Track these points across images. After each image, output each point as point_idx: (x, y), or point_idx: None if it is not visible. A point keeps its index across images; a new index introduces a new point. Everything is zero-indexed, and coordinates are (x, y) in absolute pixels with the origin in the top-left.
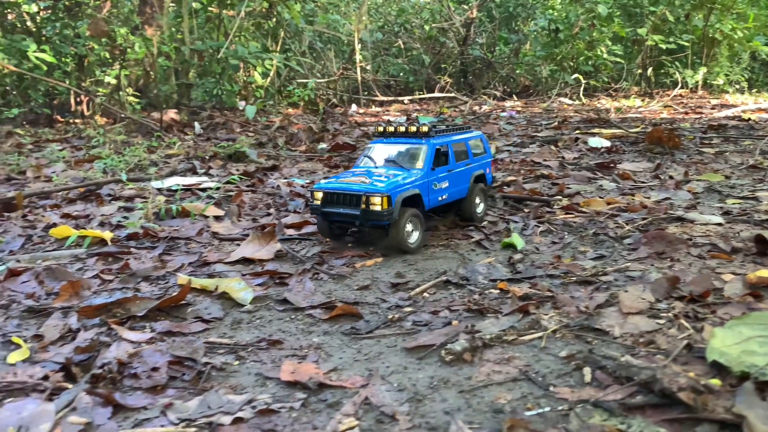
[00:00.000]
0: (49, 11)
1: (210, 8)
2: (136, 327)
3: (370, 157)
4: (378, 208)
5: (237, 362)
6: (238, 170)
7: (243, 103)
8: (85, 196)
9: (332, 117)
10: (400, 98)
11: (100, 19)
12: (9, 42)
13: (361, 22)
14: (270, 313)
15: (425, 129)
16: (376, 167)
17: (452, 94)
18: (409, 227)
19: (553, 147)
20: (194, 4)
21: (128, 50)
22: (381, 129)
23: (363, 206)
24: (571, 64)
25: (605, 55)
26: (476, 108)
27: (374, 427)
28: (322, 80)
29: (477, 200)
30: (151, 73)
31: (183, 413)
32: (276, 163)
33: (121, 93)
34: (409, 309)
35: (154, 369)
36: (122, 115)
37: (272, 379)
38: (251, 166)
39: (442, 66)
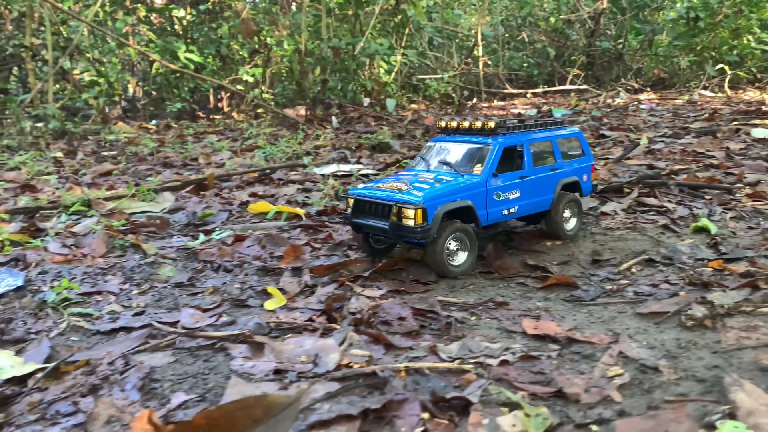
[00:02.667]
0: (194, 15)
1: (346, 8)
2: (365, 285)
3: (424, 159)
4: (411, 222)
5: (474, 318)
6: (384, 160)
7: (367, 99)
8: (259, 180)
9: (467, 110)
10: (525, 91)
11: (250, 19)
12: (163, 43)
13: (483, 17)
14: (479, 280)
15: (492, 124)
16: (428, 171)
17: (582, 87)
18: (452, 246)
19: (712, 138)
20: (331, 4)
21: (273, 48)
22: (443, 124)
23: (394, 218)
24: (713, 54)
25: (753, 44)
26: (609, 101)
27: (640, 376)
28: (441, 76)
29: (566, 214)
30: (296, 69)
31: (448, 354)
32: (417, 153)
33: (261, 89)
34: (624, 282)
35: (401, 318)
36: (264, 110)
37: (516, 333)
38: (394, 156)
39: (571, 59)
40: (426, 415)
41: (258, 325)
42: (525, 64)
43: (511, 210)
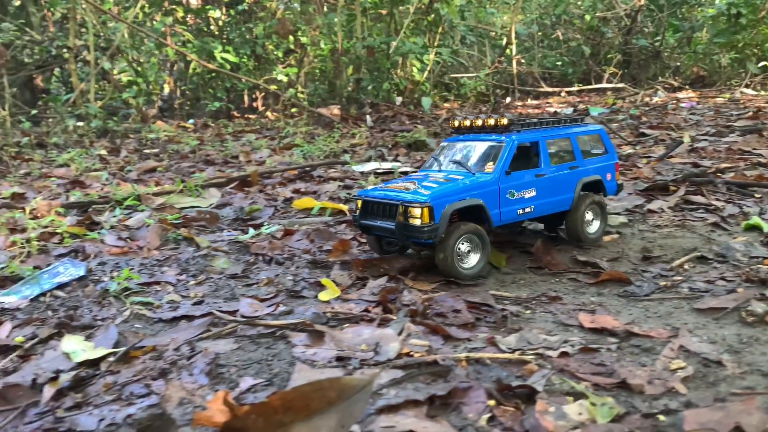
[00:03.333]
0: (230, 16)
1: (380, 7)
2: (416, 279)
3: (437, 159)
4: (417, 221)
5: (528, 311)
6: (421, 158)
7: (399, 98)
8: (300, 177)
9: (501, 108)
10: (560, 90)
11: (286, 19)
12: (200, 44)
13: (517, 15)
14: (528, 275)
15: (505, 121)
16: (439, 171)
17: (619, 85)
18: (462, 247)
19: (758, 136)
20: (366, 3)
21: (308, 48)
22: (456, 123)
23: (400, 218)
24: (755, 51)
25: None
26: (647, 99)
27: (703, 370)
28: (477, 74)
29: (588, 216)
30: (331, 69)
31: (507, 345)
32: None
33: (296, 89)
34: (678, 278)
35: (456, 311)
36: (299, 109)
37: (572, 326)
38: (431, 154)
39: (607, 57)
40: (492, 402)
41: (316, 315)
42: (558, 63)
43: (527, 209)
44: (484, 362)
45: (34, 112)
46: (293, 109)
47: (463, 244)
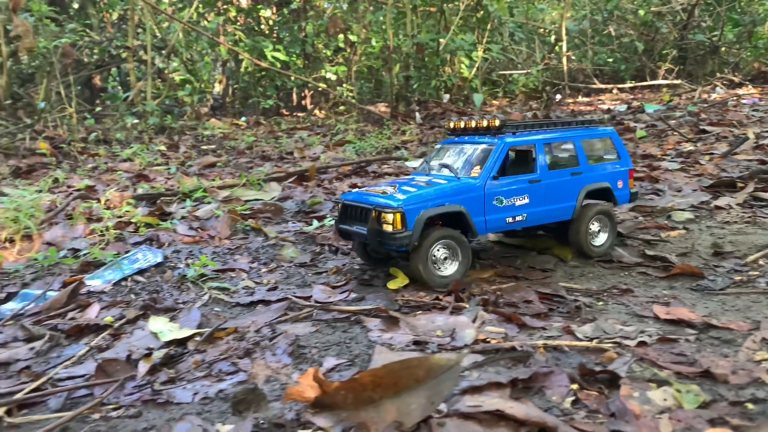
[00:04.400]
0: (280, 15)
1: (429, 5)
2: (483, 270)
3: (428, 162)
4: (390, 227)
5: (600, 303)
6: None
7: (447, 96)
8: (355, 172)
9: (553, 105)
10: (611, 86)
11: (338, 17)
12: (252, 43)
13: (567, 11)
14: (596, 269)
15: (497, 123)
16: (427, 174)
17: (675, 82)
18: (439, 254)
19: None
20: (416, 1)
21: (359, 46)
22: (451, 125)
23: (373, 224)
24: None
25: None
26: (705, 96)
27: None
28: (530, 71)
29: (594, 227)
30: (380, 66)
31: (582, 335)
32: None
33: (345, 86)
34: (754, 273)
35: (527, 301)
36: (348, 107)
37: (647, 317)
38: None
39: (663, 53)
40: (575, 386)
41: (389, 302)
42: (609, 59)
43: (518, 218)
44: (561, 349)
45: (98, 109)
46: (341, 107)
47: (439, 250)
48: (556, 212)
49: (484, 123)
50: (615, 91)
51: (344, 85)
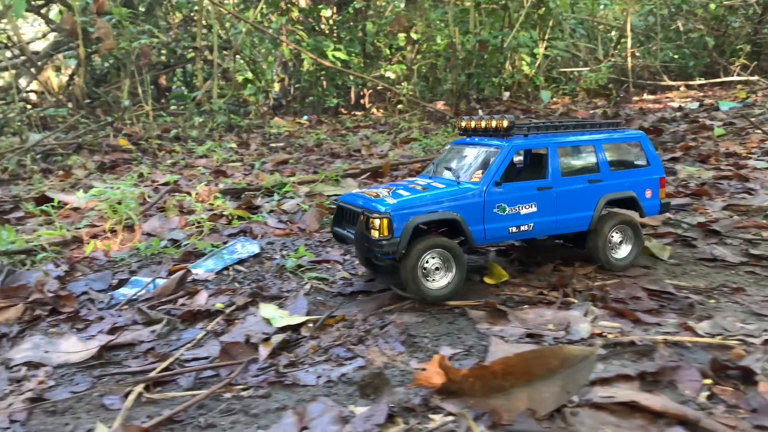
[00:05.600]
0: (341, 15)
1: (492, 1)
2: (583, 266)
3: (436, 163)
4: (376, 234)
5: (713, 301)
6: None
7: (507, 93)
8: (424, 168)
9: (624, 102)
10: (679, 83)
11: (402, 15)
12: (314, 42)
13: (632, 7)
14: (699, 267)
15: (505, 124)
16: (430, 177)
17: (753, 78)
18: (430, 264)
19: None
20: None
21: (422, 44)
22: (463, 124)
23: (361, 228)
24: None
25: None
26: None
27: None
28: (599, 67)
29: (615, 238)
30: (442, 64)
31: (702, 331)
32: None
33: (409, 84)
34: None
35: (635, 297)
36: (409, 105)
37: (766, 316)
38: None
39: (736, 48)
40: (708, 381)
41: (489, 296)
42: (675, 56)
43: (523, 227)
44: (683, 345)
45: (172, 107)
46: (399, 106)
47: (430, 260)
48: (569, 222)
49: (493, 123)
50: (682, 88)
51: (404, 83)
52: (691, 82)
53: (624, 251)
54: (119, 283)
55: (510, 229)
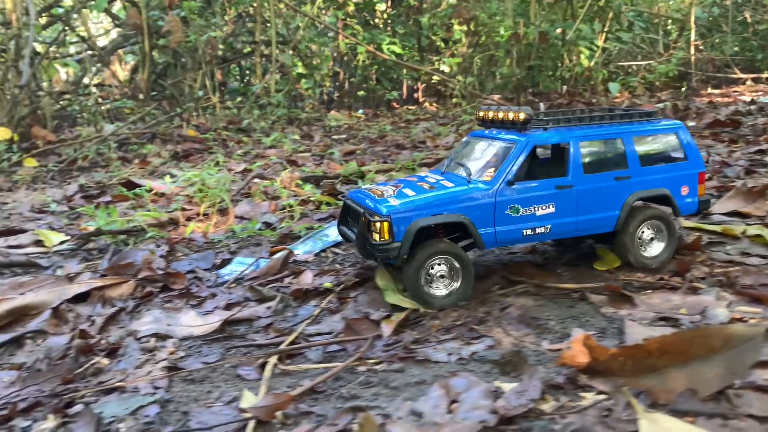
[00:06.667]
0: (395, 9)
1: None
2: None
3: (450, 158)
4: (376, 237)
5: None
6: None
7: (564, 86)
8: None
9: (693, 95)
10: (745, 77)
11: (463, 6)
12: (370, 36)
13: None
14: None
15: (522, 116)
16: (441, 173)
17: None
18: (435, 270)
19: None
20: None
21: (483, 35)
22: (481, 114)
23: (363, 230)
24: None
25: None
26: None
27: None
28: (669, 59)
29: (645, 233)
30: (502, 56)
31: None
32: None
33: (468, 77)
34: None
35: (764, 284)
36: (467, 97)
37: None
38: None
39: None
40: None
41: (612, 281)
42: (742, 48)
43: (539, 230)
44: None
45: (239, 99)
46: (454, 99)
47: (434, 266)
48: (591, 223)
49: (510, 115)
50: (749, 82)
51: (458, 77)
52: (757, 75)
53: (656, 249)
54: (222, 263)
55: (524, 231)
